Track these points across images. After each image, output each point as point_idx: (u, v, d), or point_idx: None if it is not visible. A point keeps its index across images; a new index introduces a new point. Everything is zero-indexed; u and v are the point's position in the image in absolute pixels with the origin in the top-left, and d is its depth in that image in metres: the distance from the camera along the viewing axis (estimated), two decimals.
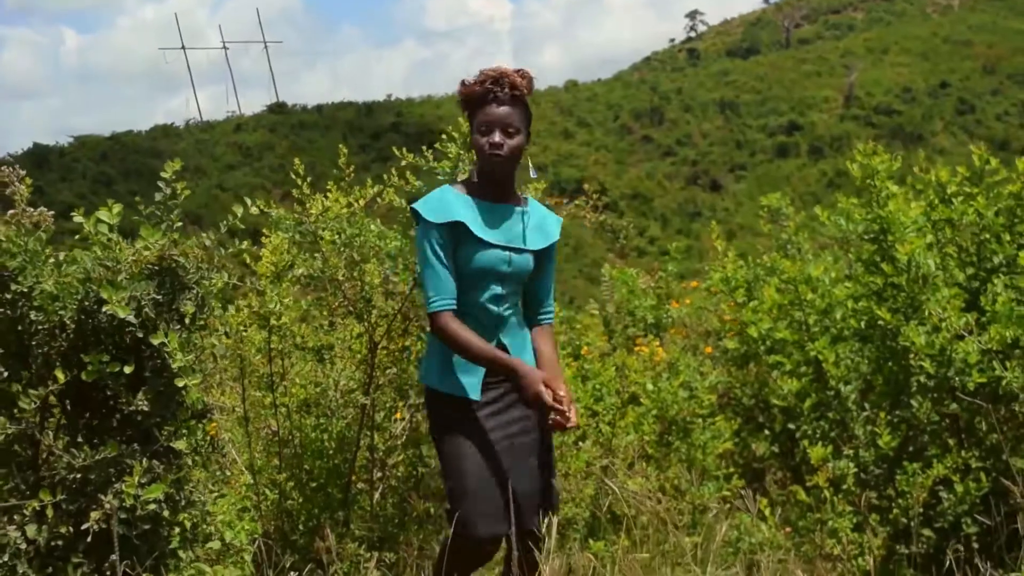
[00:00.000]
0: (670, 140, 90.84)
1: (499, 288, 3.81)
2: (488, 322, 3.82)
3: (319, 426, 4.98)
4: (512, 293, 3.86)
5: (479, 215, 3.78)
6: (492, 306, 3.81)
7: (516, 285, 3.86)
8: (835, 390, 4.83)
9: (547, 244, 3.90)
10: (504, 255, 3.79)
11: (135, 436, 3.69)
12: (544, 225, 3.92)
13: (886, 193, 4.77)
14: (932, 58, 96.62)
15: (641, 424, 5.56)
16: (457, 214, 3.74)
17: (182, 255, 3.64)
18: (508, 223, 3.82)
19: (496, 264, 3.78)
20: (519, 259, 3.82)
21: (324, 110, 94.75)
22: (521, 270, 3.83)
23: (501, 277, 3.80)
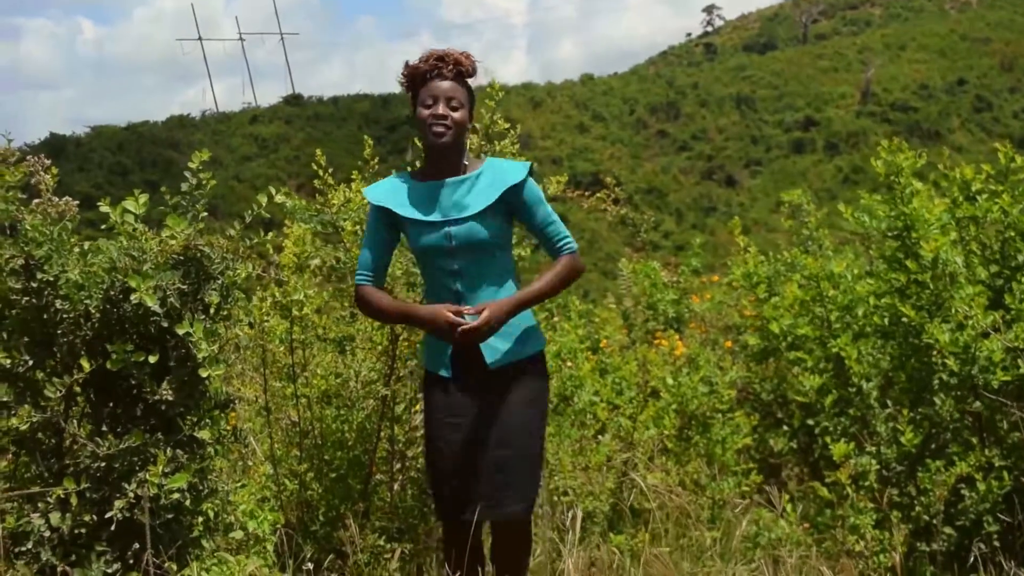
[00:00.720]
0: (686, 135, 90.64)
1: (452, 263, 3.79)
2: (445, 297, 3.82)
3: (339, 417, 4.98)
4: (472, 264, 3.80)
5: (414, 196, 3.82)
6: (449, 283, 3.81)
7: (474, 255, 3.80)
8: (857, 387, 4.80)
9: (500, 193, 3.79)
10: (443, 231, 3.77)
11: (159, 425, 3.70)
12: (498, 178, 3.83)
13: (910, 190, 4.75)
14: (950, 55, 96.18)
15: (662, 418, 5.55)
16: (385, 199, 3.84)
17: (208, 245, 3.64)
18: (445, 196, 3.79)
19: (436, 241, 3.78)
20: (461, 230, 3.76)
21: (340, 102, 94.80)
22: (469, 240, 3.77)
23: (448, 252, 3.78)
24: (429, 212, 3.78)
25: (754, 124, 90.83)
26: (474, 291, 3.80)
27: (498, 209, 3.81)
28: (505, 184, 3.80)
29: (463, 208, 3.77)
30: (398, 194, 3.84)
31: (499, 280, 3.85)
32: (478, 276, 3.81)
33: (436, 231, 3.77)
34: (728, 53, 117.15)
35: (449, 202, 3.78)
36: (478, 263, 3.81)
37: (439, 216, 3.77)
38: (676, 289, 8.45)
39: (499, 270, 3.86)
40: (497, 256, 3.86)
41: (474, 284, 3.80)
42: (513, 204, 3.84)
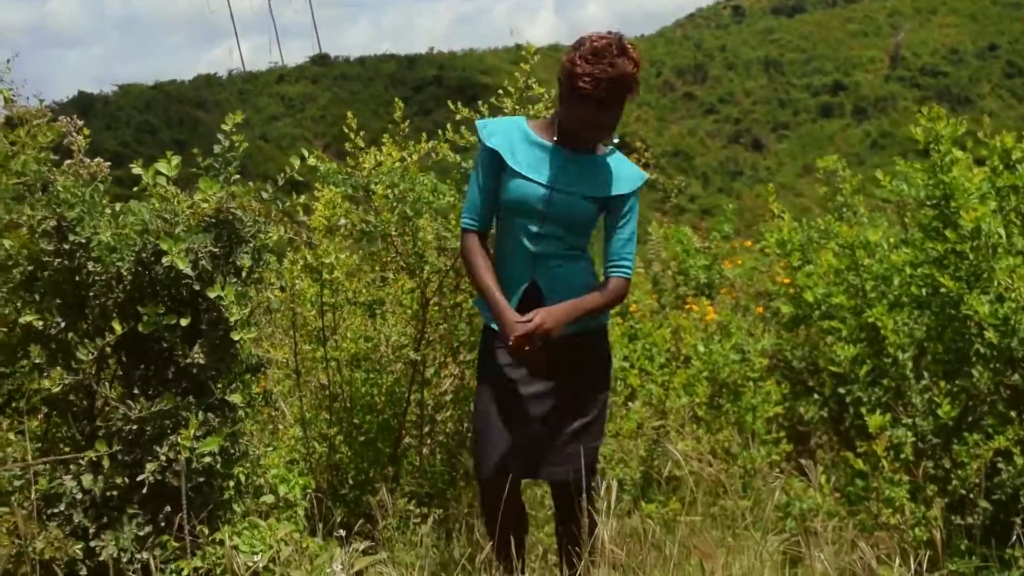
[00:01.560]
0: (713, 98, 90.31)
1: (536, 226, 3.73)
2: (522, 258, 3.78)
3: (369, 380, 4.97)
4: (554, 234, 3.74)
5: (529, 150, 3.75)
6: (527, 243, 3.75)
7: (561, 227, 3.75)
8: (892, 357, 4.73)
9: (610, 193, 3.76)
10: (542, 192, 3.70)
11: (190, 388, 3.67)
12: (616, 176, 3.79)
13: (950, 158, 4.65)
14: (981, 20, 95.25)
15: (693, 386, 5.50)
16: (499, 143, 3.75)
17: (239, 208, 3.61)
18: (560, 164, 3.73)
19: (531, 199, 3.71)
20: (561, 200, 3.71)
21: (366, 62, 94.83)
22: (566, 212, 3.72)
23: (539, 216, 3.72)
24: (538, 172, 3.72)
25: (782, 88, 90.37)
26: (550, 260, 3.77)
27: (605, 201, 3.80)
28: (619, 189, 3.78)
29: (572, 182, 3.73)
30: (512, 141, 3.77)
31: (573, 254, 3.82)
32: (556, 245, 3.77)
33: (536, 189, 3.71)
34: (756, 15, 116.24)
35: (561, 170, 3.73)
36: (561, 234, 3.76)
37: (544, 178, 3.71)
38: (708, 254, 8.36)
39: (577, 245, 3.83)
40: (579, 233, 3.82)
41: (550, 251, 3.76)
42: (611, 203, 3.80)
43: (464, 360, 4.98)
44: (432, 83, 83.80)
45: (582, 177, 3.75)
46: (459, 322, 4.89)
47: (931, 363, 4.82)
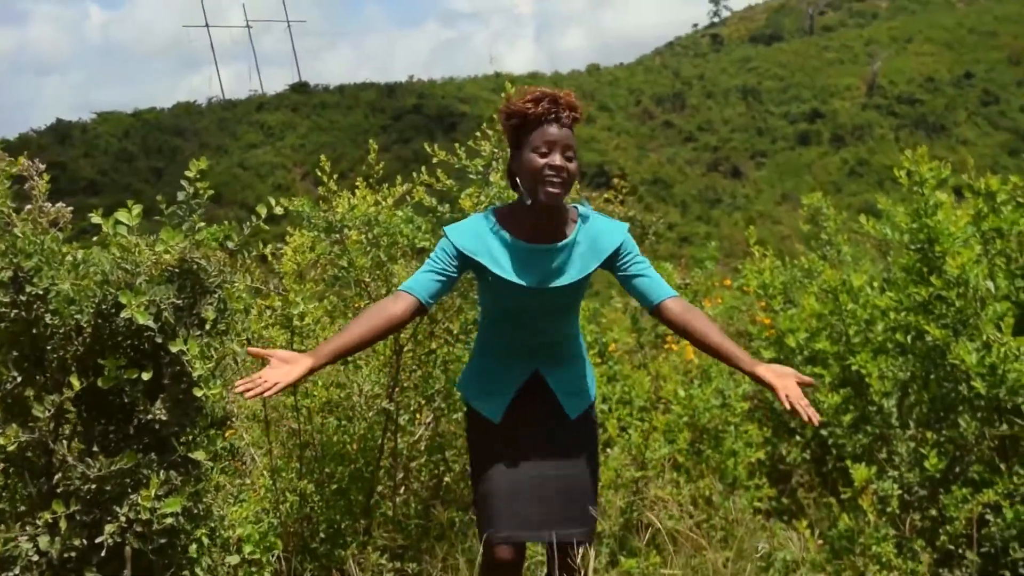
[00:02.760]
0: (691, 126, 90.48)
1: (534, 325, 3.61)
2: (523, 353, 3.65)
3: (341, 428, 4.84)
4: (551, 320, 3.61)
5: (509, 255, 3.51)
6: (527, 340, 3.64)
7: (559, 319, 3.63)
8: (877, 405, 4.62)
9: (601, 260, 3.56)
10: (533, 295, 3.52)
11: (152, 445, 3.55)
12: (597, 243, 3.58)
13: (934, 201, 4.56)
14: (957, 48, 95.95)
15: (672, 433, 5.37)
16: (478, 252, 3.50)
17: (204, 257, 3.48)
18: (548, 263, 3.52)
19: (529, 305, 3.56)
20: (553, 294, 3.53)
21: (346, 90, 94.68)
22: (558, 302, 3.58)
23: (533, 314, 3.58)
24: (525, 276, 3.50)
25: (760, 116, 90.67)
26: (552, 348, 3.67)
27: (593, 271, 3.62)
28: (605, 251, 3.56)
29: (562, 275, 3.54)
30: (488, 245, 3.51)
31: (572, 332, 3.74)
32: (557, 333, 3.67)
33: (527, 294, 3.52)
34: (734, 44, 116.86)
35: (549, 269, 3.52)
36: (557, 319, 3.64)
37: (536, 283, 3.51)
38: (688, 291, 8.21)
39: (575, 325, 3.74)
40: (576, 314, 3.73)
41: (554, 342, 3.67)
42: (608, 263, 3.59)
43: (439, 407, 4.86)
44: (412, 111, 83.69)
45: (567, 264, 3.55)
46: (433, 368, 4.77)
47: (916, 410, 4.71)
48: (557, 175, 3.38)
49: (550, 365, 3.66)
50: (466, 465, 4.97)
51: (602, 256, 3.57)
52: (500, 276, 3.49)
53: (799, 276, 6.09)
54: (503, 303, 3.59)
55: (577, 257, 3.56)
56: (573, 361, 3.73)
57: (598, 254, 3.57)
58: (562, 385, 3.67)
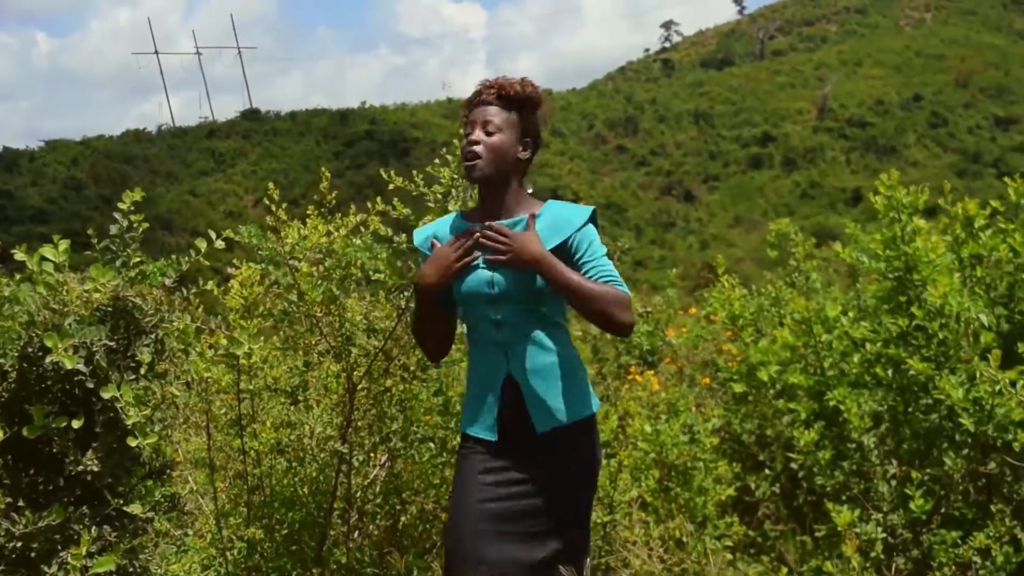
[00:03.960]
0: (644, 150, 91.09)
1: (495, 312, 3.32)
2: (490, 351, 3.37)
3: (291, 470, 4.57)
4: (518, 315, 3.32)
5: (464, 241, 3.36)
6: (490, 331, 3.35)
7: (519, 304, 3.32)
8: (856, 442, 4.41)
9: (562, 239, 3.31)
10: (486, 276, 3.30)
11: (84, 498, 3.27)
12: (556, 223, 3.36)
13: (911, 227, 4.36)
14: (905, 71, 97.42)
15: (639, 471, 5.14)
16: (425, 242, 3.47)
17: (139, 295, 3.22)
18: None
19: (477, 287, 3.32)
20: (508, 277, 3.28)
21: (298, 116, 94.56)
22: (515, 286, 3.29)
23: (491, 300, 3.31)
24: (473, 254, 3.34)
25: (712, 140, 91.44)
26: (522, 343, 3.33)
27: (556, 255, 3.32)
28: (570, 227, 3.34)
29: None
30: (441, 236, 3.44)
31: (550, 333, 3.37)
32: (526, 328, 3.33)
33: (478, 275, 3.32)
34: (686, 69, 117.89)
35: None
36: (525, 314, 3.33)
37: (484, 261, 3.31)
38: (650, 320, 8.01)
39: (549, 323, 3.38)
40: (547, 307, 3.36)
41: (521, 336, 3.33)
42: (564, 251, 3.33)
43: (394, 447, 4.61)
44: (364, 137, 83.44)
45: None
46: (389, 407, 4.52)
47: (897, 447, 4.49)
48: (469, 148, 3.33)
49: (523, 364, 3.34)
50: (423, 505, 4.73)
51: (564, 233, 3.33)
52: None
53: (766, 305, 5.89)
54: (460, 294, 3.37)
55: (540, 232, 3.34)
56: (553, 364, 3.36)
57: (558, 231, 3.34)
58: (534, 388, 3.33)
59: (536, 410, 3.32)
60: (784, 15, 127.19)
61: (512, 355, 3.34)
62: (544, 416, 3.33)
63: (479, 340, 3.41)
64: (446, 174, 4.23)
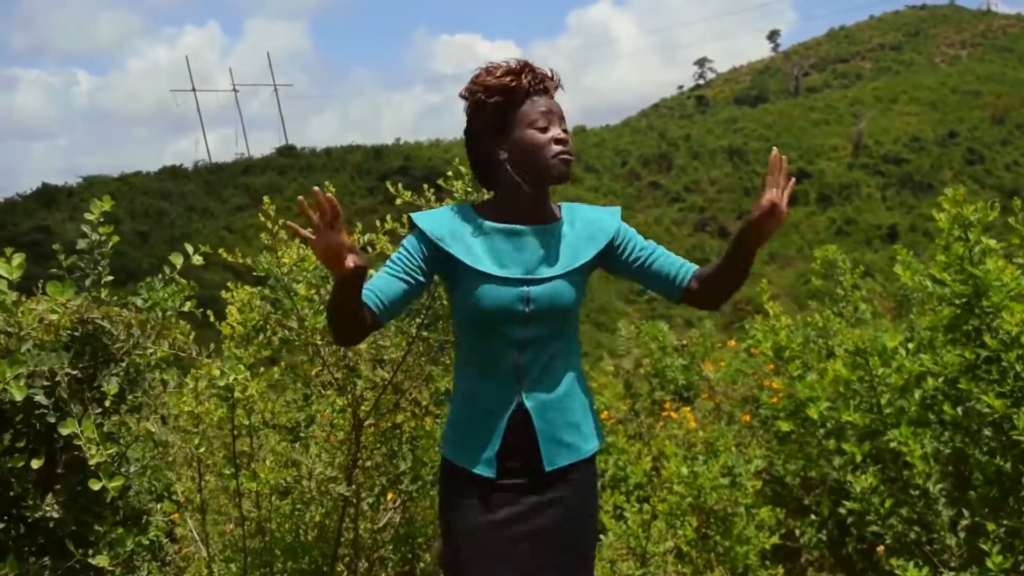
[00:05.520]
0: (678, 186, 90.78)
1: (520, 332, 2.87)
2: (503, 374, 2.90)
3: (294, 515, 4.17)
4: (544, 336, 2.90)
5: (483, 241, 2.90)
6: (510, 353, 2.89)
7: (550, 325, 2.91)
8: (921, 488, 3.92)
9: (603, 245, 2.97)
10: (520, 291, 2.85)
11: (46, 548, 2.88)
12: (592, 227, 2.99)
13: (980, 248, 3.90)
14: (941, 108, 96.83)
15: (674, 517, 4.67)
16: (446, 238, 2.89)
17: (106, 318, 2.83)
18: (532, 247, 2.90)
19: (510, 303, 2.85)
20: (543, 291, 2.87)
21: (333, 153, 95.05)
22: (551, 304, 2.88)
23: (521, 319, 2.87)
24: (505, 265, 2.87)
25: (746, 176, 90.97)
26: (541, 369, 2.91)
27: (592, 264, 2.99)
28: (606, 234, 2.98)
29: (552, 263, 2.90)
30: (459, 233, 2.92)
31: (570, 353, 2.99)
32: (547, 349, 2.92)
33: (509, 291, 2.86)
34: (720, 105, 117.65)
35: (536, 256, 2.89)
36: (551, 333, 2.92)
37: (519, 271, 2.87)
38: (686, 353, 7.54)
39: (570, 342, 3.00)
40: (572, 324, 2.98)
41: (542, 359, 2.91)
42: (607, 253, 3.00)
43: (406, 490, 4.20)
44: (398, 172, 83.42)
45: (557, 249, 2.93)
46: (400, 447, 4.11)
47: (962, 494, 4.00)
48: (567, 148, 2.87)
49: (537, 392, 2.91)
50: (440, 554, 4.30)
51: (600, 242, 2.96)
52: (474, 268, 2.86)
53: (812, 336, 5.43)
54: (482, 310, 2.87)
55: (569, 243, 2.94)
56: (568, 393, 2.96)
57: (594, 239, 2.97)
58: (547, 421, 2.91)
59: (548, 446, 2.91)
60: (818, 52, 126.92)
61: (528, 381, 2.90)
62: (556, 453, 2.92)
63: (487, 363, 2.93)
64: (459, 187, 3.84)
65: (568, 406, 2.95)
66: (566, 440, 2.94)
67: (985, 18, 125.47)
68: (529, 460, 2.92)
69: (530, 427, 2.90)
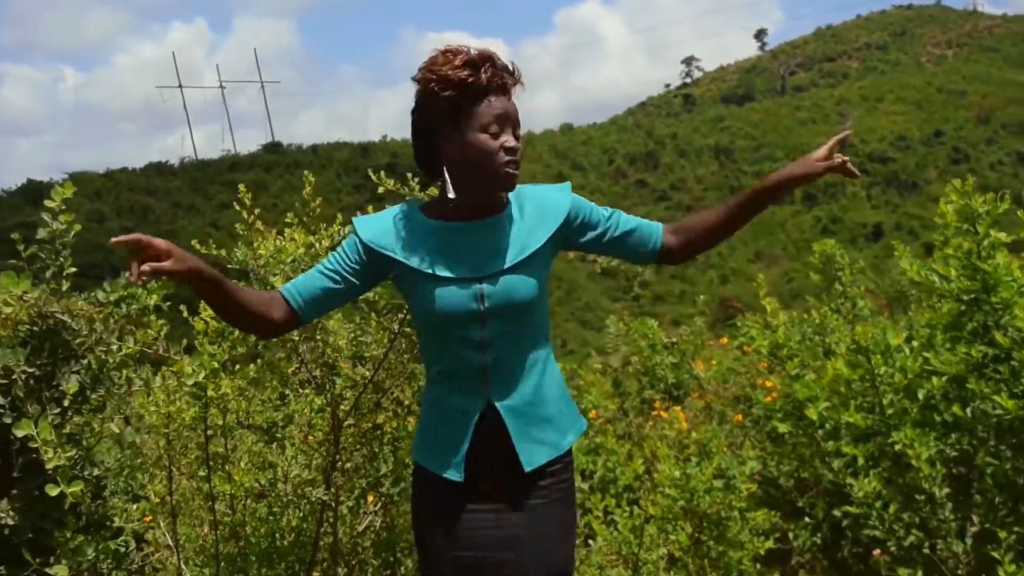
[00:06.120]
0: (665, 184, 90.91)
1: (478, 332, 2.70)
2: (469, 377, 2.74)
3: (269, 519, 4.00)
4: (506, 333, 2.72)
5: (436, 243, 2.72)
6: (472, 354, 2.72)
7: (511, 321, 2.72)
8: (927, 493, 3.75)
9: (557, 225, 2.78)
10: (473, 290, 2.68)
11: (2, 556, 2.71)
12: (543, 209, 2.80)
13: (989, 241, 3.74)
14: (926, 107, 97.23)
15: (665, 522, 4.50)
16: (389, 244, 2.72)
17: (67, 312, 2.65)
18: (480, 243, 2.72)
19: (464, 304, 2.68)
20: (497, 288, 2.69)
21: (319, 150, 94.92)
22: (507, 300, 2.70)
23: (478, 317, 2.69)
24: (454, 265, 2.69)
25: (732, 174, 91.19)
26: (508, 366, 2.74)
27: (547, 250, 2.78)
28: (556, 215, 2.78)
29: (501, 255, 2.71)
30: (404, 237, 2.74)
31: (535, 346, 2.80)
32: (512, 345, 2.74)
33: (461, 290, 2.68)
34: (706, 104, 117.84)
35: (482, 250, 2.71)
36: (513, 328, 2.74)
37: (468, 271, 2.69)
38: (676, 351, 7.36)
39: (538, 335, 2.82)
40: (535, 315, 2.79)
41: (507, 356, 2.74)
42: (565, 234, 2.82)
43: (387, 493, 4.03)
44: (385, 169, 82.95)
45: (507, 240, 2.74)
46: (381, 448, 3.94)
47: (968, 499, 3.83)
48: (514, 158, 2.66)
49: (507, 391, 2.75)
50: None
51: (552, 224, 2.77)
52: (421, 271, 2.69)
53: (808, 333, 5.27)
54: (435, 313, 2.70)
55: (519, 231, 2.75)
56: (539, 387, 2.80)
57: (545, 223, 2.78)
58: (520, 420, 2.74)
59: (524, 446, 2.74)
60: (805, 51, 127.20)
61: (496, 382, 2.73)
62: (533, 452, 2.76)
63: (451, 365, 2.77)
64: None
65: (541, 400, 2.78)
66: (542, 437, 2.78)
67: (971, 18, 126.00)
68: (505, 461, 2.75)
69: (503, 427, 2.73)
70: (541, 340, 2.83)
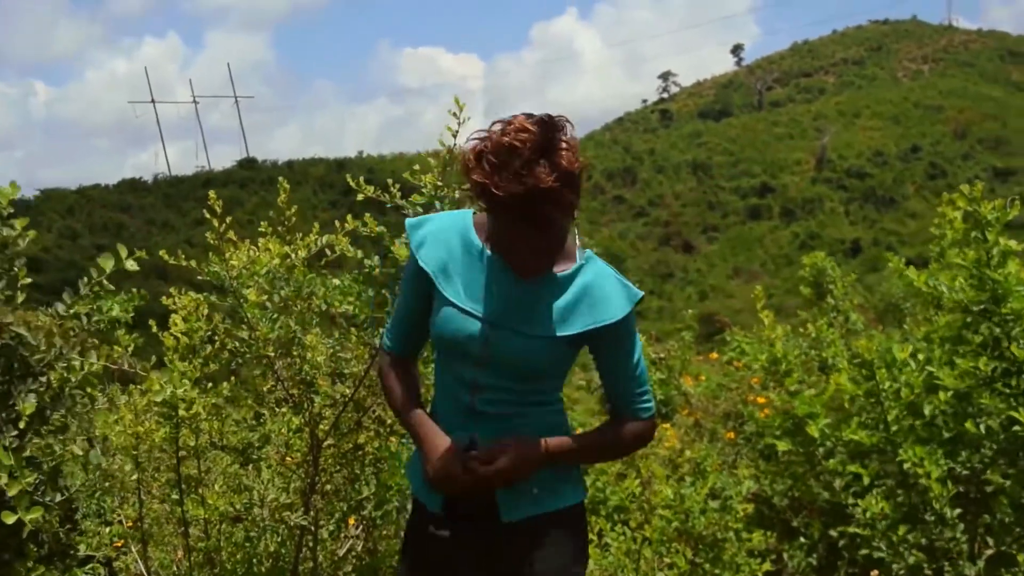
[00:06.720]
0: (642, 200, 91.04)
1: (471, 372, 2.52)
2: (455, 409, 2.57)
3: (245, 544, 3.80)
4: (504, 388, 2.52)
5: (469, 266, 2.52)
6: (460, 390, 2.55)
7: (513, 381, 2.51)
8: (937, 513, 3.58)
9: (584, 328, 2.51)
10: (479, 328, 2.48)
11: None
12: (596, 301, 2.53)
13: (999, 250, 3.58)
14: (903, 122, 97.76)
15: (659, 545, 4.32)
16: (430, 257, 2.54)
17: (23, 326, 2.46)
18: (509, 287, 2.49)
19: (465, 338, 2.49)
20: (509, 342, 2.48)
21: (295, 166, 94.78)
22: (511, 356, 2.49)
23: (474, 359, 2.50)
24: (475, 298, 2.50)
25: (710, 190, 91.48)
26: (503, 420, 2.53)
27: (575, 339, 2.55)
28: (603, 320, 2.51)
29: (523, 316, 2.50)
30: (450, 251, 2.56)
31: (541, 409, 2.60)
32: (502, 399, 2.54)
33: (470, 326, 2.50)
34: (684, 119, 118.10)
35: (509, 297, 2.50)
36: (515, 388, 2.54)
37: (483, 310, 2.50)
38: (664, 367, 7.17)
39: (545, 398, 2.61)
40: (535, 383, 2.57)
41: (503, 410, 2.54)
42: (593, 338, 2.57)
43: (369, 516, 3.84)
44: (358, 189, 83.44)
45: (539, 307, 2.50)
46: (362, 470, 3.75)
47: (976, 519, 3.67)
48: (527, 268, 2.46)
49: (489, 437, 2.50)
50: None
51: (598, 321, 2.51)
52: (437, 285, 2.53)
53: (805, 347, 5.10)
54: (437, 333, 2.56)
55: (563, 307, 2.50)
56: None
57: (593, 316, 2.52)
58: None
59: (504, 494, 2.54)
60: (782, 66, 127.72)
61: (483, 427, 2.52)
62: (512, 503, 2.54)
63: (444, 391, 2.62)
64: (428, 181, 3.49)
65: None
66: (528, 490, 2.55)
67: (947, 33, 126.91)
68: (485, 505, 2.55)
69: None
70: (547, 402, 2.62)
